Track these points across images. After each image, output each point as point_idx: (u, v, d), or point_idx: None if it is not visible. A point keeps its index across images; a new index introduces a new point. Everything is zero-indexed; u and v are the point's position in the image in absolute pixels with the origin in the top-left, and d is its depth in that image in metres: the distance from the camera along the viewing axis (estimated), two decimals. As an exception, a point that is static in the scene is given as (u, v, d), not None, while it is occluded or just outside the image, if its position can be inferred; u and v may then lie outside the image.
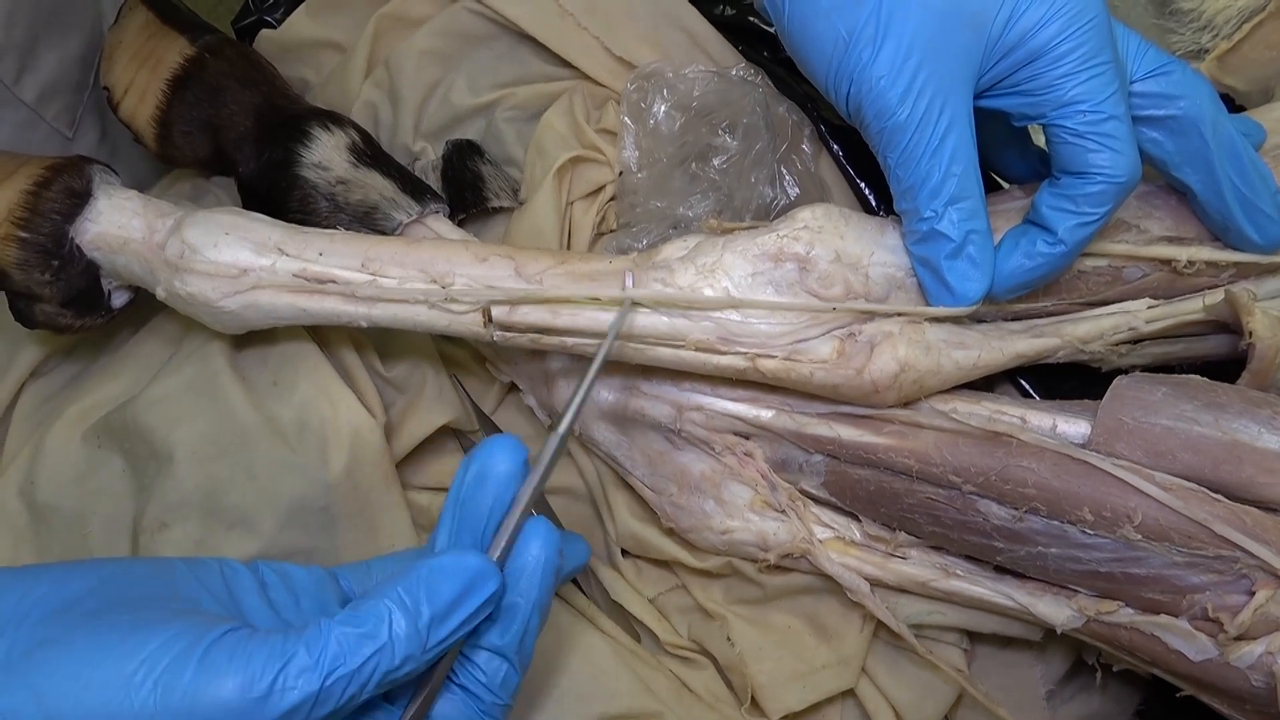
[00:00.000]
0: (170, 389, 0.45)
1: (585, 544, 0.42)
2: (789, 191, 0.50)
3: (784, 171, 0.50)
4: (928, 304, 0.42)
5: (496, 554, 0.35)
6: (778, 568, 0.46)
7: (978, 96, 0.40)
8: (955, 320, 0.43)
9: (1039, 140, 0.48)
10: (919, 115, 0.38)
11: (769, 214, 0.49)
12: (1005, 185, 0.53)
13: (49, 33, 0.55)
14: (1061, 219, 0.40)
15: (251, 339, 0.46)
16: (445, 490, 0.51)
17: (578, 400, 0.38)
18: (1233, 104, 0.59)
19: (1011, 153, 0.49)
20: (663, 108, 0.50)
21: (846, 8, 0.38)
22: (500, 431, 0.53)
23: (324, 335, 0.48)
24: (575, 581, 0.49)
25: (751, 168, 0.49)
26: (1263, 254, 0.44)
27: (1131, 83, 0.41)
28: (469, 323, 0.42)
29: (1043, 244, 0.40)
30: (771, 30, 0.55)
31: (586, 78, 0.54)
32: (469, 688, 0.35)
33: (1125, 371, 0.43)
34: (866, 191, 0.53)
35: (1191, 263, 0.43)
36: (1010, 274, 0.41)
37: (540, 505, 0.51)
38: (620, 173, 0.52)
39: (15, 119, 0.55)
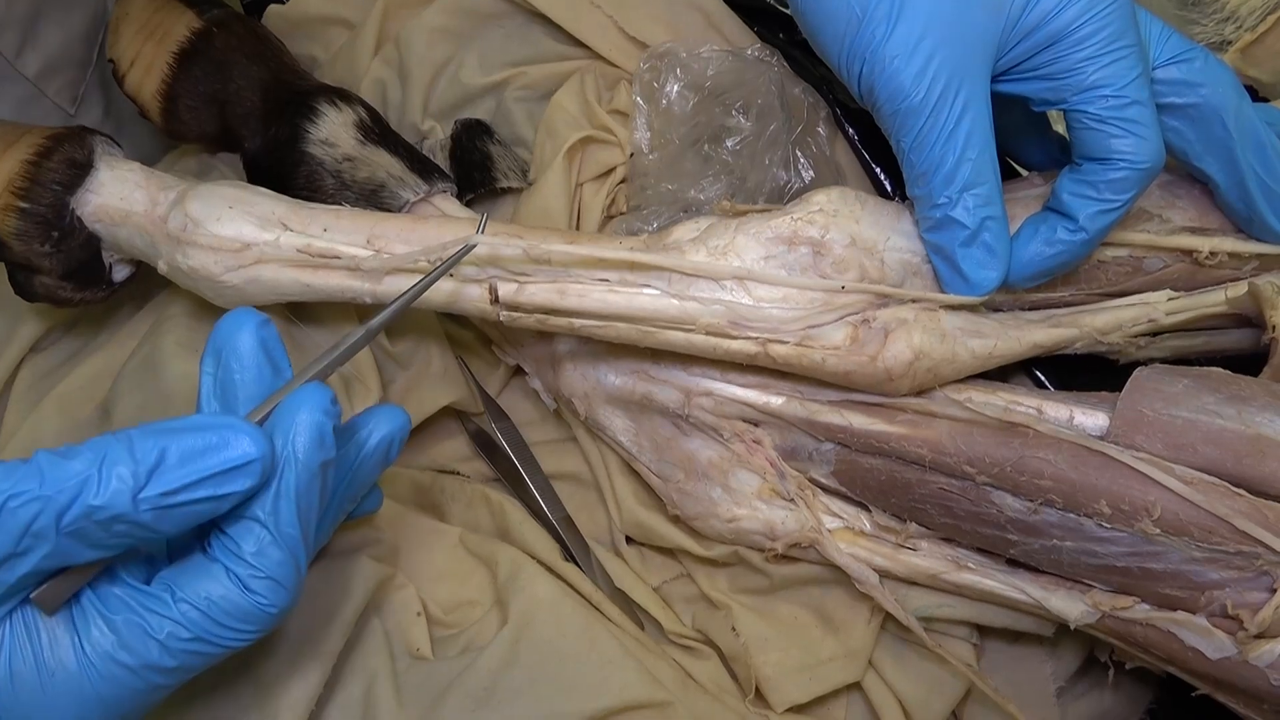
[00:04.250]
0: (130, 365, 0.45)
1: (398, 413, 0.37)
2: (803, 175, 0.49)
3: (798, 154, 0.49)
4: (942, 291, 0.41)
5: (257, 418, 0.32)
6: (785, 557, 0.45)
7: (996, 80, 0.39)
8: (971, 309, 0.42)
9: (1059, 127, 0.48)
10: (934, 97, 0.37)
11: (783, 197, 0.49)
12: (1024, 173, 0.52)
13: (51, 7, 0.55)
14: (1083, 205, 0.39)
15: (209, 314, 0.45)
16: (448, 471, 0.51)
17: (395, 306, 0.36)
18: (1256, 96, 0.58)
19: (1030, 139, 0.48)
20: (675, 88, 0.49)
21: None
22: (505, 415, 0.52)
23: (322, 308, 0.47)
24: (581, 568, 0.48)
25: (765, 150, 0.48)
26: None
27: (1153, 69, 0.40)
28: (475, 299, 0.41)
29: (1063, 231, 0.39)
30: (787, 12, 0.54)
31: (599, 57, 0.54)
32: (221, 559, 0.31)
33: (1143, 364, 0.42)
34: (882, 176, 0.52)
35: (1214, 254, 0.43)
36: (1029, 262, 0.40)
37: (545, 491, 0.50)
38: (631, 154, 0.51)
39: (17, 94, 0.55)
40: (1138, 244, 0.43)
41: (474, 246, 0.40)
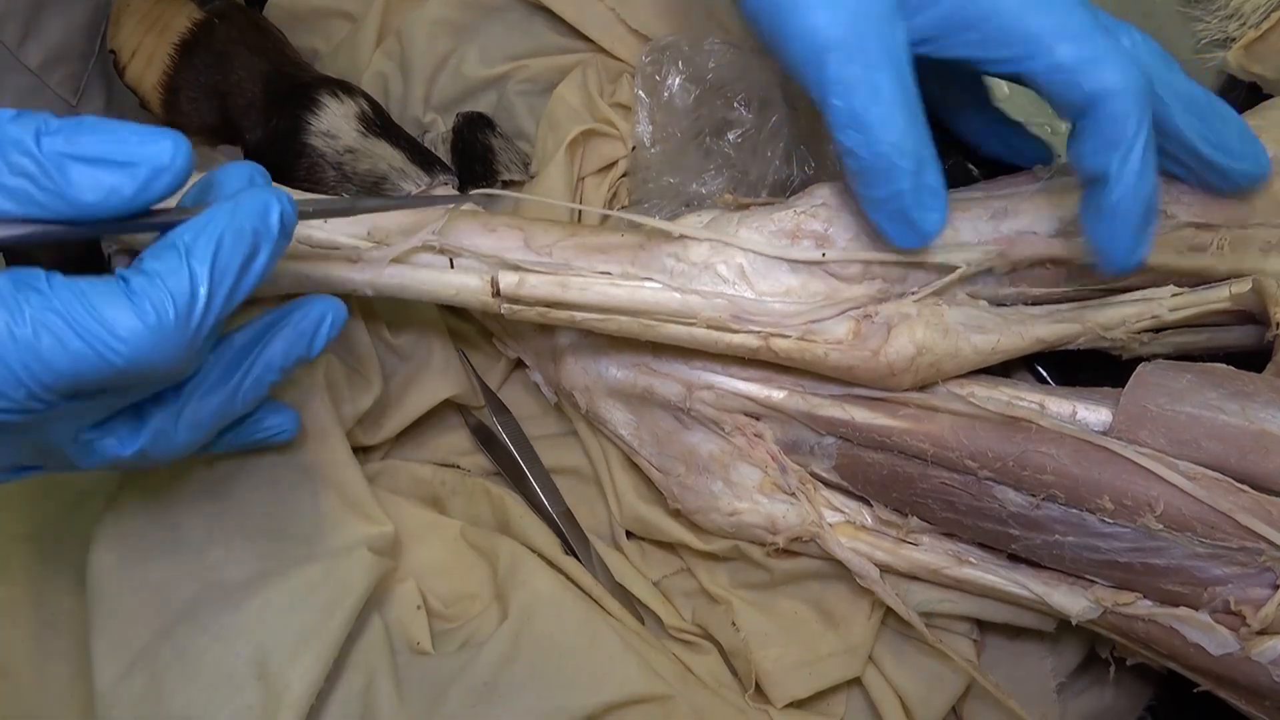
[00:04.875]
0: None
1: (337, 302, 0.37)
2: (806, 168, 0.49)
3: (801, 147, 0.49)
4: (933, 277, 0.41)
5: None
6: (785, 552, 0.45)
7: (935, 48, 0.38)
8: (973, 303, 0.42)
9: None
10: (849, 42, 0.35)
11: (785, 191, 0.48)
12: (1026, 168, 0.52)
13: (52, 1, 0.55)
14: (1115, 164, 0.36)
15: None
16: (448, 465, 0.51)
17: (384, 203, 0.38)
18: (1260, 93, 0.58)
19: (970, 114, 0.48)
20: (677, 81, 0.49)
21: None
22: (506, 409, 0.52)
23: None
24: (581, 563, 0.48)
25: (767, 143, 0.48)
26: (1248, 189, 0.42)
27: None
28: (476, 292, 0.41)
29: (1113, 193, 0.36)
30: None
31: (601, 50, 0.53)
32: (122, 272, 0.30)
33: (1146, 360, 0.42)
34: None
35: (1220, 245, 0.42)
36: (1124, 242, 0.37)
37: (545, 485, 0.50)
38: (633, 147, 0.51)
39: (18, 85, 0.54)
40: (1159, 266, 0.42)
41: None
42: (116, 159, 0.29)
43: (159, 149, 0.29)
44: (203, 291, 0.30)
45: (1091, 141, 0.36)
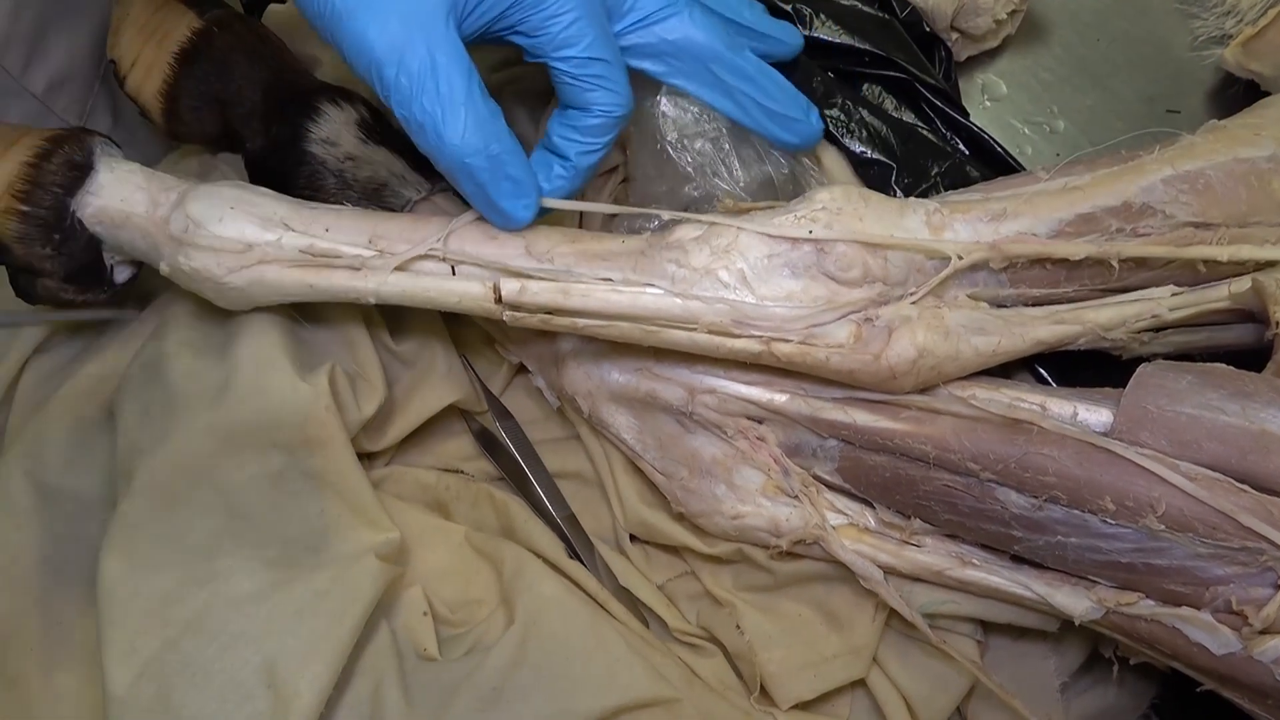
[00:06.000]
0: (134, 366, 0.46)
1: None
2: (806, 172, 0.49)
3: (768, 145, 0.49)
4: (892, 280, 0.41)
5: None
6: (789, 554, 0.45)
7: (487, 36, 0.40)
8: (974, 305, 0.42)
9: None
10: (400, 52, 0.37)
11: (777, 193, 0.48)
12: (1025, 168, 0.52)
13: (58, 23, 0.55)
14: (571, 146, 0.42)
15: (213, 314, 0.46)
16: (452, 470, 0.51)
17: None
18: (1258, 90, 0.58)
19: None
20: (663, 85, 0.49)
21: None
22: (509, 414, 0.52)
23: (328, 308, 0.47)
24: (585, 567, 0.48)
25: (764, 145, 0.48)
26: (805, 150, 0.48)
27: (634, 27, 0.43)
28: (479, 299, 0.41)
29: (559, 168, 0.42)
30: (786, 7, 0.54)
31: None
32: None
33: (1146, 360, 0.42)
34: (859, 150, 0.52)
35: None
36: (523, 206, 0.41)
37: (549, 489, 0.50)
38: (630, 152, 0.51)
39: (23, 110, 0.54)
40: (1159, 256, 0.42)
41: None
42: None
43: None
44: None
45: (569, 132, 0.42)
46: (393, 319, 0.50)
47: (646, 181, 0.49)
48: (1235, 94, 0.59)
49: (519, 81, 0.54)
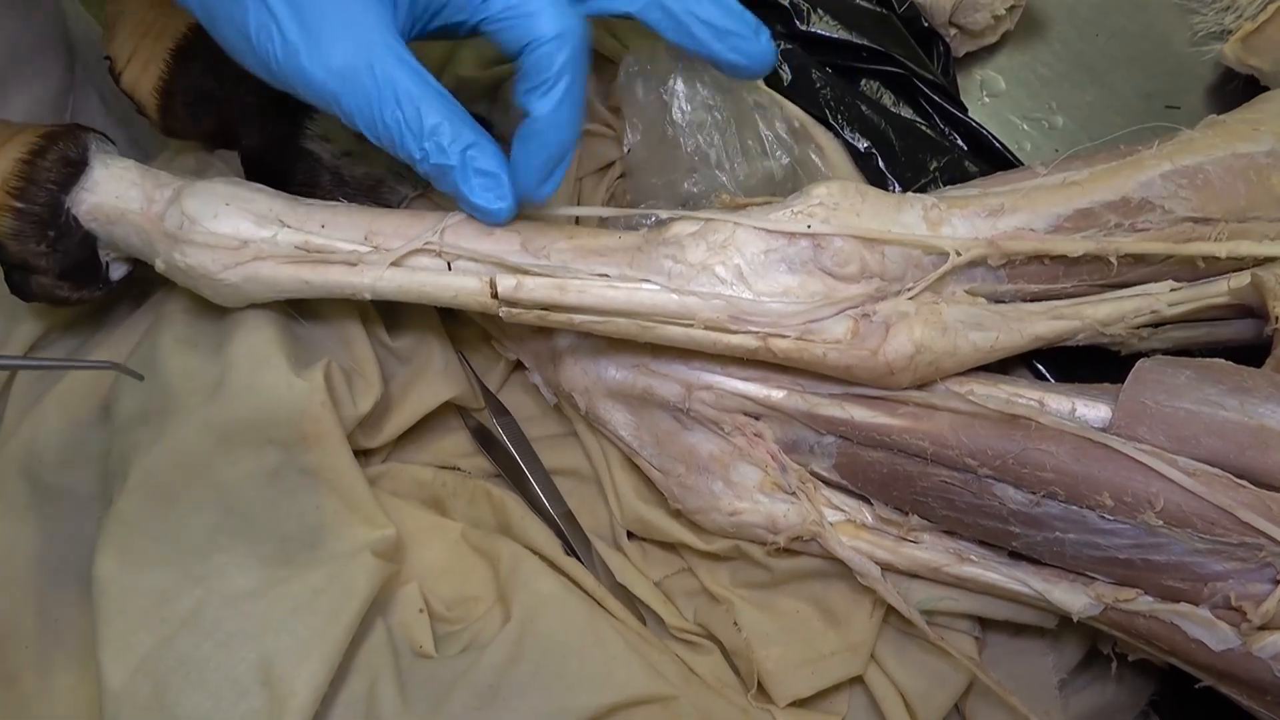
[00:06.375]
0: (129, 363, 0.45)
1: None
2: (802, 165, 0.49)
3: (792, 143, 0.49)
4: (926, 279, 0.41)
5: None
6: (786, 551, 0.45)
7: (424, 29, 0.41)
8: (971, 301, 0.42)
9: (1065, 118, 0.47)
10: (347, 83, 0.37)
11: (774, 188, 0.48)
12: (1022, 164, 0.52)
13: (17, 76, 0.54)
14: (536, 101, 0.39)
15: (208, 310, 0.45)
16: (449, 467, 0.51)
17: None
18: (1257, 85, 0.58)
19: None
20: (667, 81, 0.49)
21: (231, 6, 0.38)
22: (505, 410, 0.52)
23: (324, 304, 0.47)
24: (582, 563, 0.48)
25: (760, 140, 0.48)
26: (757, 75, 0.45)
27: None
28: (475, 295, 0.41)
29: (531, 127, 0.40)
30: (784, 3, 0.54)
31: (595, 51, 0.53)
32: None
33: (1145, 355, 0.42)
34: (882, 164, 0.51)
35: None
36: (530, 169, 0.40)
37: (546, 486, 0.50)
38: (627, 149, 0.51)
39: None
40: (1158, 253, 0.42)
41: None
42: None
43: None
44: None
45: (523, 82, 0.40)
46: (389, 315, 0.50)
47: (645, 174, 0.49)
48: (1234, 89, 0.59)
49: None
